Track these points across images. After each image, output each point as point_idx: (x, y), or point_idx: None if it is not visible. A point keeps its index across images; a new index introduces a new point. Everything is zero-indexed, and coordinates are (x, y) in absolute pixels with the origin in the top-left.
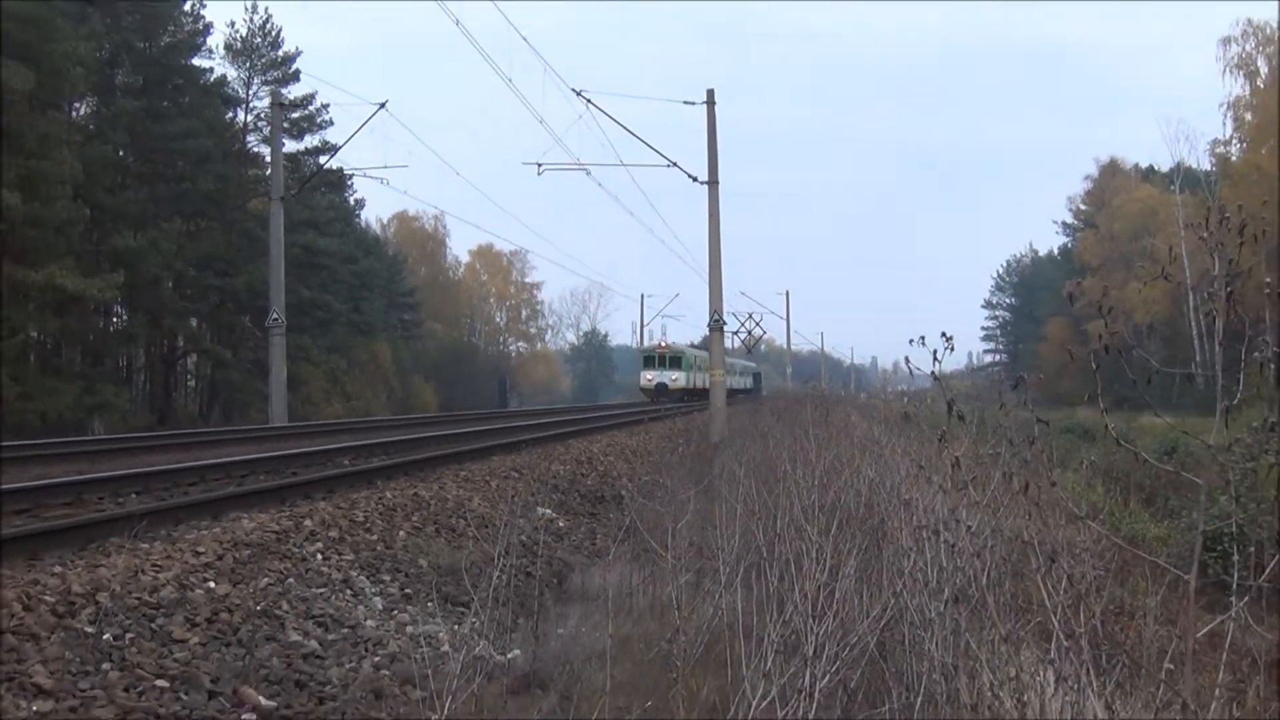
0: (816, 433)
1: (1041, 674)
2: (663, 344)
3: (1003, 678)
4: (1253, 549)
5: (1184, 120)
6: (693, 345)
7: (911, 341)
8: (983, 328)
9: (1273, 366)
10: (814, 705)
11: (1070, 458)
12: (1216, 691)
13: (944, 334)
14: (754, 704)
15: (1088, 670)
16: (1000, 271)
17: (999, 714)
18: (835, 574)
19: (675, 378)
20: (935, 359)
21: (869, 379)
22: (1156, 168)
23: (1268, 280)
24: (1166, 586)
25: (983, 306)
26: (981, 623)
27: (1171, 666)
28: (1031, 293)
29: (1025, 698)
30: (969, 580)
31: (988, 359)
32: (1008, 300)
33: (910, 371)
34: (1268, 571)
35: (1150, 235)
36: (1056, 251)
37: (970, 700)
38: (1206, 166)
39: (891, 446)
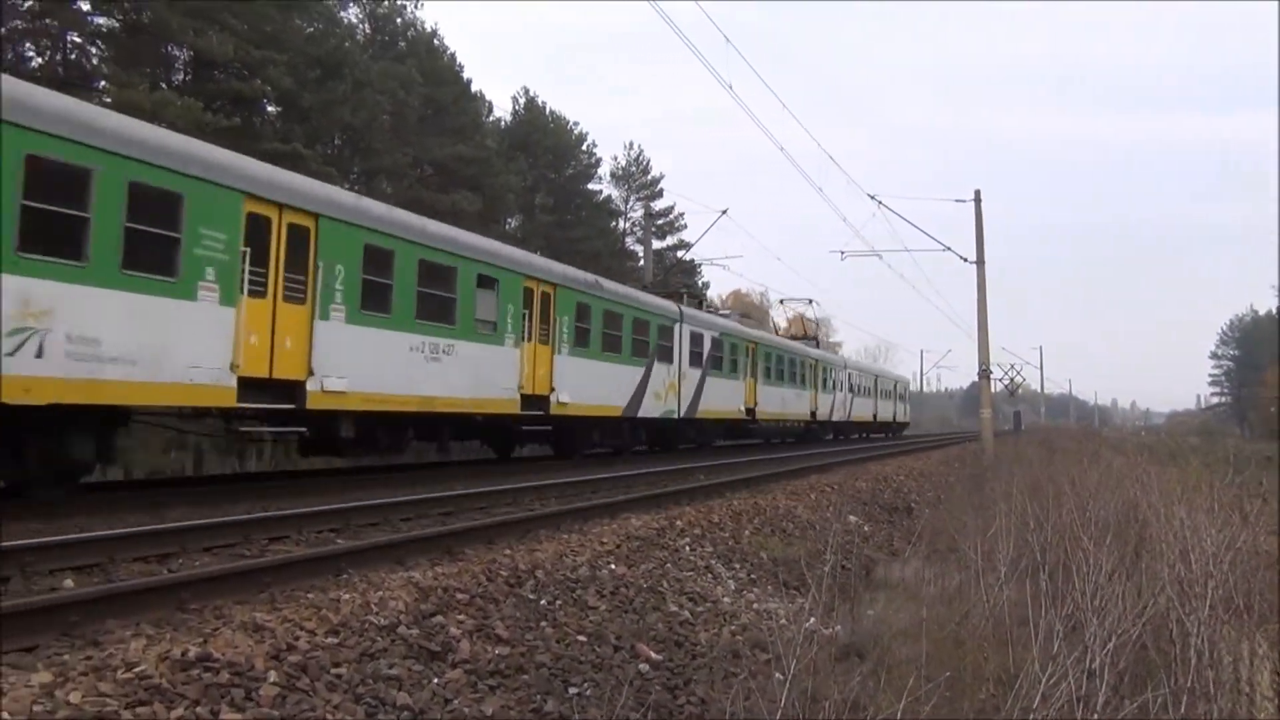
0: (1078, 460)
1: None
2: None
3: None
4: None
5: None
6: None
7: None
8: (1209, 374)
9: None
10: (1100, 684)
11: None
12: None
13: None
14: (1043, 680)
15: None
16: (1224, 327)
17: (1255, 698)
18: (1109, 576)
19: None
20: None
21: (1110, 417)
22: None
23: None
24: None
25: (1210, 357)
26: (1241, 623)
27: None
28: (1252, 345)
29: None
30: (1228, 586)
31: (1214, 400)
32: (1231, 352)
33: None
34: None
35: None
36: (1275, 310)
37: (1232, 684)
38: None
39: (1152, 472)
